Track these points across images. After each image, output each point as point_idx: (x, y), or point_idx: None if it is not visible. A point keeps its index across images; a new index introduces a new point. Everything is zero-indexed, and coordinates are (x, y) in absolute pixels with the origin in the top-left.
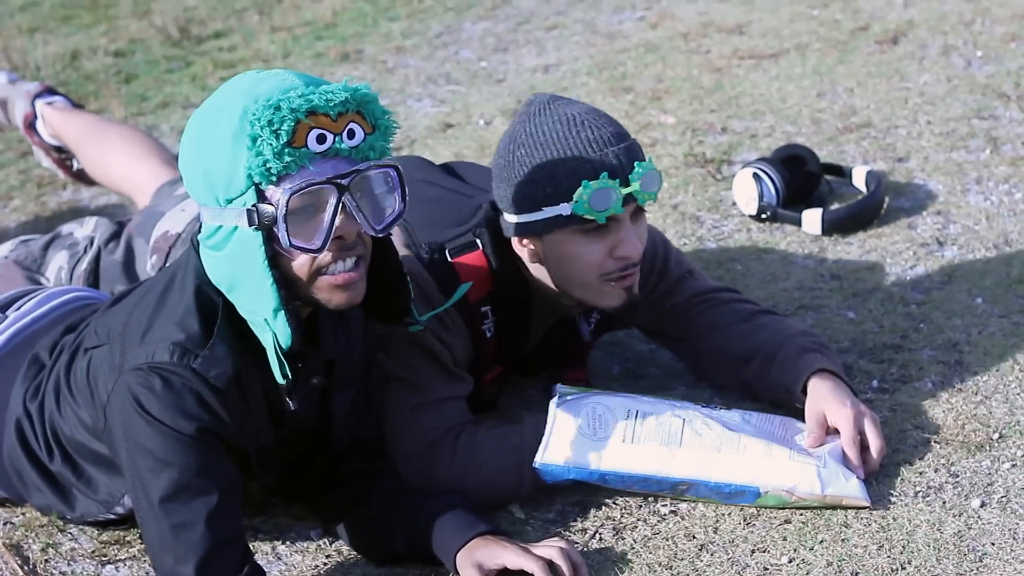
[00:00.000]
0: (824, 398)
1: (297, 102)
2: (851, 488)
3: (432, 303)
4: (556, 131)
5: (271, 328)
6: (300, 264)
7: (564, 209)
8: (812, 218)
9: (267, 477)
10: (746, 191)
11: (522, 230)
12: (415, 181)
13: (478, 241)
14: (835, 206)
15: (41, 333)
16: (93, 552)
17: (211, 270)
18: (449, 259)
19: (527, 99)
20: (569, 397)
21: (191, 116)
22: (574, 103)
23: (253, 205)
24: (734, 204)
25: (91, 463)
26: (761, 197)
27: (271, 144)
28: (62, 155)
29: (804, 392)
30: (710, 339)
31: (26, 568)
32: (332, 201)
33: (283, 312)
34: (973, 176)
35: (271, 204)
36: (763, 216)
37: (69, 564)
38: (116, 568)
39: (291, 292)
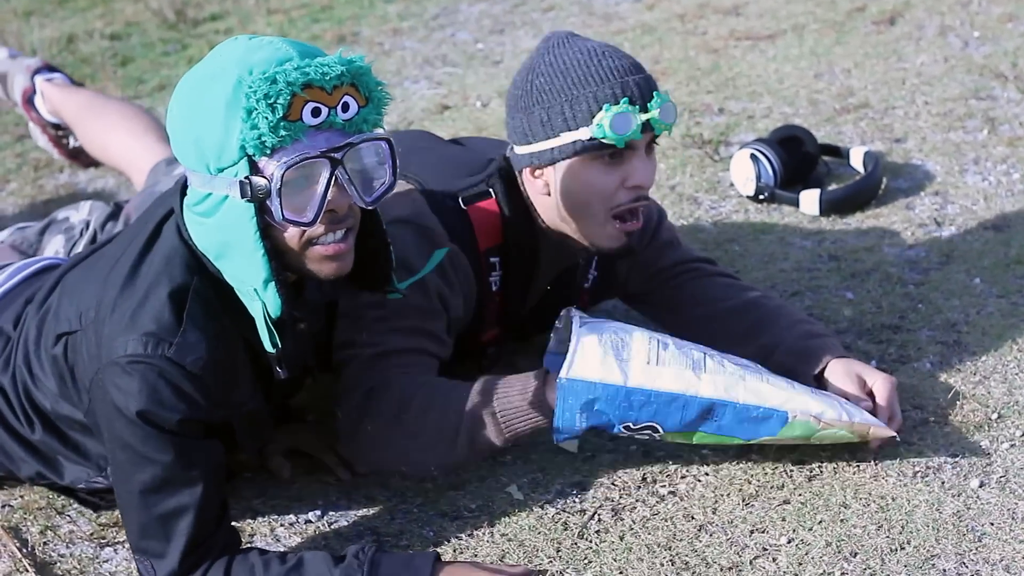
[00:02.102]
0: (855, 366)
1: (293, 75)
2: (877, 420)
3: (435, 247)
4: (576, 59)
5: (260, 298)
6: (291, 235)
7: (583, 134)
8: (810, 199)
9: (253, 444)
10: (744, 172)
11: (537, 159)
12: (420, 148)
13: (491, 190)
14: (833, 187)
15: (5, 305)
16: (91, 535)
17: (198, 236)
18: (463, 207)
19: (544, 36)
20: (588, 320)
21: (181, 80)
22: (590, 39)
23: (246, 177)
24: (732, 185)
25: (79, 431)
26: (759, 178)
27: (267, 118)
28: (59, 132)
29: (820, 376)
30: (700, 312)
31: (24, 550)
32: (325, 174)
33: (273, 283)
34: (971, 156)
35: (264, 177)
36: (761, 197)
37: (68, 546)
38: (115, 550)
39: (281, 262)
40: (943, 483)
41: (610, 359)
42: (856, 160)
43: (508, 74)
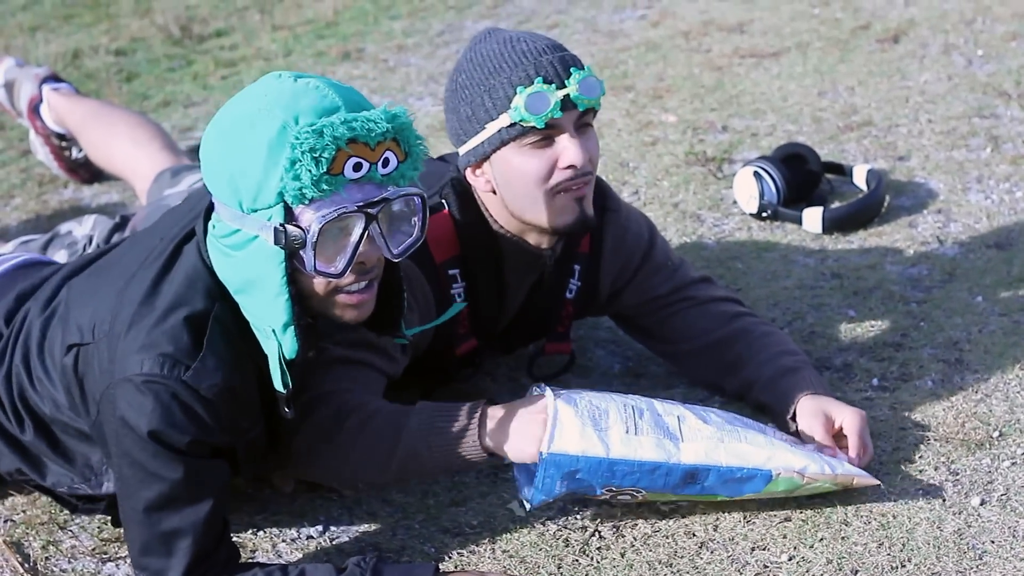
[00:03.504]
0: (823, 404)
1: (340, 130)
2: (858, 470)
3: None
4: (492, 50)
5: (277, 339)
6: (318, 283)
7: (504, 120)
8: (813, 216)
9: (252, 468)
10: (747, 189)
11: (473, 156)
12: None
13: (443, 201)
14: (836, 205)
15: None
16: (94, 550)
17: (221, 267)
18: None
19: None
20: (561, 391)
21: (222, 109)
22: (512, 31)
23: (281, 224)
24: (735, 203)
25: (74, 437)
26: (762, 196)
27: (310, 171)
28: (62, 143)
29: (794, 417)
30: (688, 346)
31: (27, 565)
32: (359, 228)
33: (293, 327)
34: (974, 175)
35: (299, 226)
36: (764, 215)
37: (70, 561)
38: (117, 566)
39: (303, 306)
40: (944, 501)
41: (589, 430)
42: (859, 178)
43: None
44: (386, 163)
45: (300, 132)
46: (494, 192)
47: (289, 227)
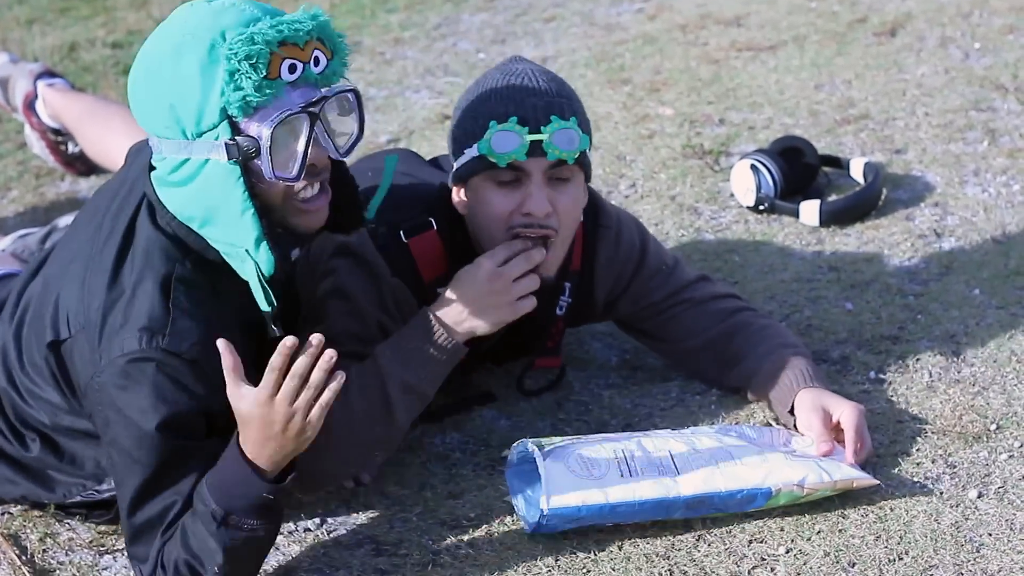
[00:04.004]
0: (822, 397)
1: (270, 33)
2: (856, 471)
3: (381, 284)
4: (496, 81)
5: (253, 258)
6: (275, 192)
7: (475, 150)
8: (810, 210)
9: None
10: (744, 183)
11: (455, 177)
12: (396, 174)
13: (432, 220)
14: (833, 198)
15: None
16: (91, 542)
17: (177, 206)
18: (404, 239)
19: None
20: (546, 448)
21: (141, 50)
22: (532, 64)
23: (231, 138)
24: (732, 196)
25: (80, 440)
26: (759, 189)
27: (251, 78)
28: (58, 138)
29: (792, 411)
30: (688, 344)
31: (24, 558)
32: (305, 130)
33: (265, 241)
34: (971, 168)
35: (251, 136)
36: (761, 208)
37: (67, 554)
38: (114, 558)
39: (268, 220)
40: (941, 494)
41: (584, 482)
42: (856, 171)
43: None
44: (316, 62)
45: (233, 43)
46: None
47: (240, 139)
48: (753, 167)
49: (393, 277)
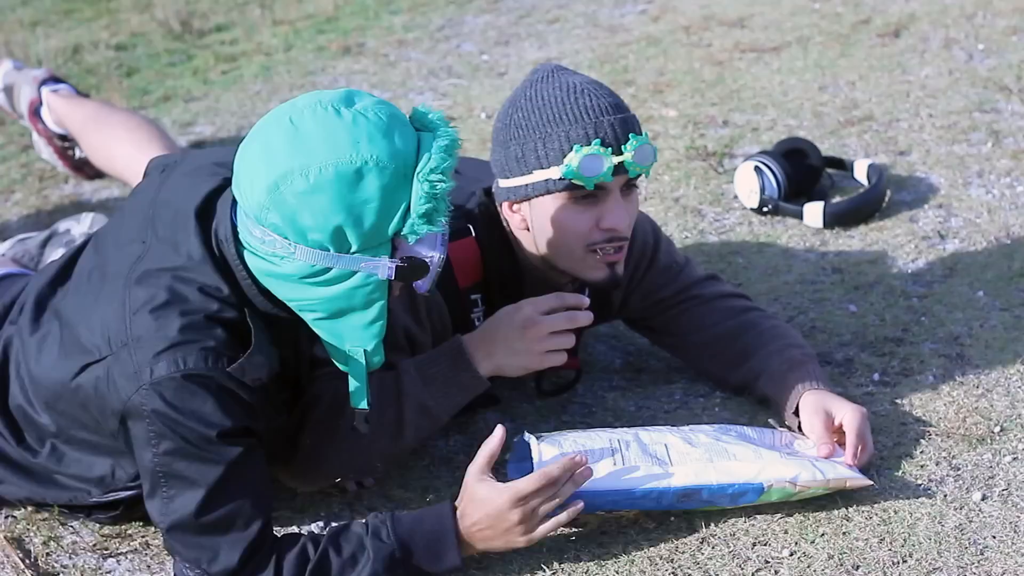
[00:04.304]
0: (825, 400)
1: (446, 165)
2: (850, 471)
3: (413, 290)
4: (555, 96)
5: (367, 358)
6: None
7: (554, 173)
8: (814, 211)
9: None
10: (748, 184)
11: (513, 194)
12: None
13: (470, 227)
14: (837, 199)
15: None
16: (95, 545)
17: (297, 296)
18: None
19: (533, 68)
20: (543, 436)
21: (292, 156)
22: (577, 74)
23: (404, 259)
24: (736, 197)
25: (89, 450)
26: (763, 190)
27: (439, 216)
28: (64, 143)
29: (796, 412)
30: (696, 338)
31: (27, 561)
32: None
33: (380, 341)
34: (975, 169)
35: (422, 258)
36: (764, 209)
37: (71, 557)
38: (117, 561)
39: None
40: (945, 496)
41: None
42: (860, 173)
43: (513, 85)
44: None
45: (429, 174)
46: (528, 230)
47: (412, 258)
48: (757, 169)
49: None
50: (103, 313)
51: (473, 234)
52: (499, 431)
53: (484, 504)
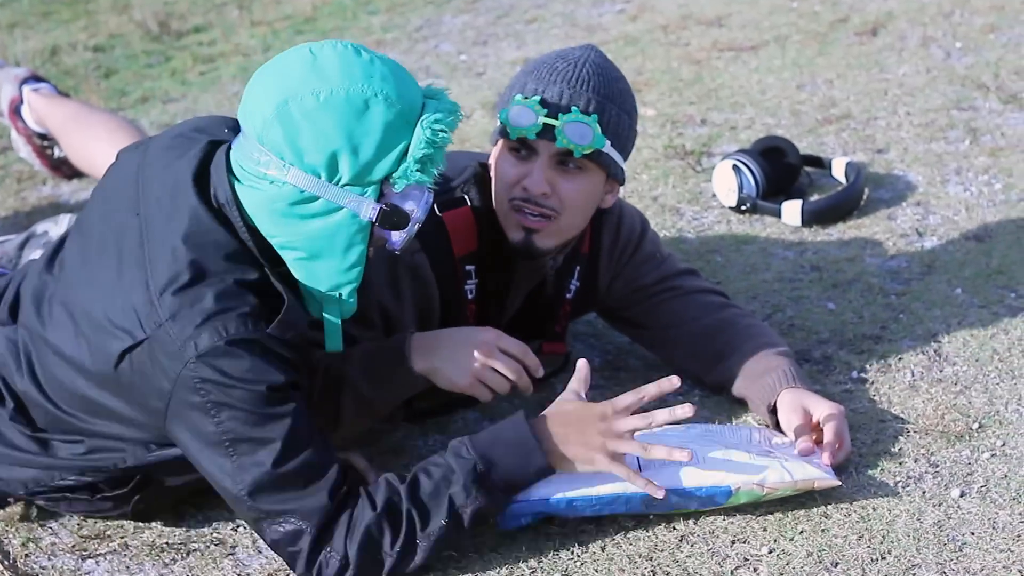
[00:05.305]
0: (803, 398)
1: (448, 120)
2: (819, 471)
3: (397, 264)
4: (551, 58)
5: (340, 303)
6: (374, 250)
7: (503, 115)
8: (792, 209)
9: None
10: (726, 183)
11: (493, 134)
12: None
13: (466, 197)
14: (815, 197)
15: None
16: (73, 546)
17: (280, 231)
18: (438, 213)
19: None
20: None
21: (310, 78)
22: (600, 56)
23: (387, 205)
24: (714, 196)
25: (116, 422)
26: (741, 189)
27: (434, 162)
28: (44, 143)
29: (774, 410)
30: (673, 333)
31: (6, 562)
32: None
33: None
34: (952, 167)
35: (404, 211)
36: (743, 208)
37: (50, 559)
38: (96, 562)
39: None
40: (924, 493)
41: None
42: (838, 171)
43: (491, 85)
44: None
45: (433, 123)
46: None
47: (397, 208)
48: (735, 167)
49: (418, 254)
50: (126, 296)
51: (469, 203)
52: (583, 364)
53: (570, 415)
